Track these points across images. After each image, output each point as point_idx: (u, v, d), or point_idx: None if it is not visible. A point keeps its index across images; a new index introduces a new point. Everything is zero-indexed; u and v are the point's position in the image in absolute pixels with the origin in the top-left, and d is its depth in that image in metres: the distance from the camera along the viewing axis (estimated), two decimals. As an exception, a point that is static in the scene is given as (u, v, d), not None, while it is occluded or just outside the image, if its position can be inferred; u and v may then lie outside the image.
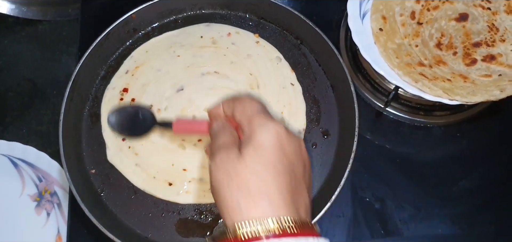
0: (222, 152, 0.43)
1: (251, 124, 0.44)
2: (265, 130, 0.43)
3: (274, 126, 0.43)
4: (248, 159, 0.41)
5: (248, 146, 0.42)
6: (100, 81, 0.74)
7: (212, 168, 0.43)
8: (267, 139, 0.42)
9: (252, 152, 0.42)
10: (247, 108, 0.46)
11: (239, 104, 0.47)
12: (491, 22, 0.74)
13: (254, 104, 0.46)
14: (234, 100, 0.48)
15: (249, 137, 0.43)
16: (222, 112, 0.50)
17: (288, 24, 0.77)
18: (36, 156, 0.80)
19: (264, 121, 0.44)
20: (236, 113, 0.47)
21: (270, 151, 0.42)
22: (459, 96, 0.65)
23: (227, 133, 0.46)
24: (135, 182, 0.66)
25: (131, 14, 0.75)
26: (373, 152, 0.74)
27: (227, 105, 0.49)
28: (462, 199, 0.71)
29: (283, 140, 0.43)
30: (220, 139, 0.46)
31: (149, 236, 0.63)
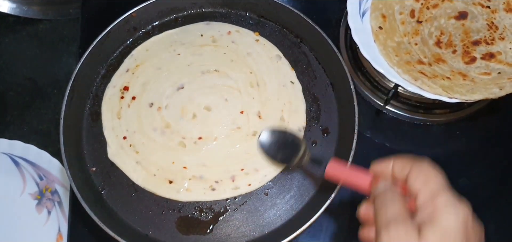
0: (399, 227, 0.39)
1: (436, 201, 0.40)
2: (453, 213, 0.39)
3: (463, 210, 0.39)
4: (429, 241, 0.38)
5: (430, 227, 0.38)
6: (100, 80, 0.74)
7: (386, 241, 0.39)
8: (454, 225, 0.38)
9: (435, 237, 0.38)
10: (430, 180, 0.41)
11: (420, 171, 0.42)
12: (490, 20, 0.74)
13: (438, 177, 0.42)
14: (410, 163, 0.44)
15: (433, 217, 0.39)
16: (390, 171, 0.45)
17: (288, 23, 0.77)
18: (37, 155, 0.80)
19: (452, 202, 0.40)
20: (415, 182, 0.42)
21: (455, 238, 0.38)
22: (458, 94, 0.65)
23: (400, 202, 0.41)
24: (136, 180, 0.66)
25: (131, 13, 0.75)
26: (373, 150, 0.75)
27: (402, 166, 0.44)
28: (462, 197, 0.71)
29: (469, 227, 0.39)
30: (392, 207, 0.41)
31: (150, 234, 0.63)
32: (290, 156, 0.58)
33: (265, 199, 0.65)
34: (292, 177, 0.67)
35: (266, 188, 0.66)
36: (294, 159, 0.58)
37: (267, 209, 0.65)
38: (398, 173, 0.44)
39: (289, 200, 0.65)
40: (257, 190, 0.66)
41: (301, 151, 0.58)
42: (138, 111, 0.71)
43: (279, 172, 0.66)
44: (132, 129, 0.69)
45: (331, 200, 0.61)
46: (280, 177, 0.67)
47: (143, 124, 0.70)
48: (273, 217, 0.64)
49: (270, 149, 0.58)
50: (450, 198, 0.40)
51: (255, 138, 0.68)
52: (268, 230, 0.63)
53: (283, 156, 0.59)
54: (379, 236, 0.40)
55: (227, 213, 0.64)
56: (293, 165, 0.59)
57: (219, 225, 0.64)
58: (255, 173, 0.66)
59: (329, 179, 0.51)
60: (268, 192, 0.66)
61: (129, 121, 0.70)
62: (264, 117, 0.70)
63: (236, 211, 0.65)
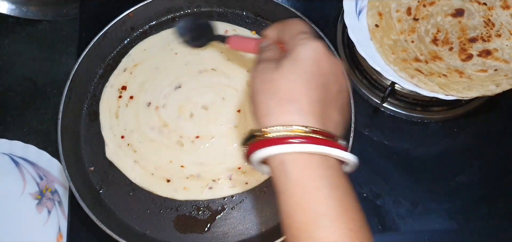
0: (263, 63, 0.46)
1: (293, 40, 0.46)
2: (304, 45, 0.44)
3: (314, 42, 0.45)
4: (284, 69, 0.43)
5: (286, 58, 0.44)
6: (98, 80, 0.74)
7: (252, 77, 0.46)
8: (304, 52, 0.44)
9: (288, 63, 0.44)
10: (293, 29, 0.48)
11: (287, 25, 0.49)
12: (487, 18, 0.74)
13: (299, 25, 0.48)
14: (283, 23, 0.50)
15: (288, 51, 0.45)
16: (271, 34, 0.52)
17: (285, 21, 0.77)
18: (36, 155, 0.81)
19: (305, 38, 0.45)
20: (283, 34, 0.49)
21: (305, 63, 0.43)
22: (455, 91, 0.66)
23: (271, 50, 0.49)
24: (134, 179, 0.66)
25: (128, 13, 0.75)
26: (370, 148, 0.75)
27: (277, 28, 0.51)
28: (459, 194, 0.71)
29: (321, 56, 0.44)
30: (265, 53, 0.48)
31: (147, 233, 0.63)
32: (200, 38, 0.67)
33: (262, 197, 0.66)
34: (289, 175, 0.67)
35: (264, 186, 0.66)
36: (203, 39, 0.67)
37: (265, 207, 0.65)
38: (277, 34, 0.51)
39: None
40: (254, 188, 0.66)
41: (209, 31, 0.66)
42: (136, 111, 0.71)
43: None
44: (130, 128, 0.70)
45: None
46: (277, 175, 0.67)
47: (140, 123, 0.70)
48: (271, 215, 0.65)
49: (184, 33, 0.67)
50: (305, 37, 0.46)
51: (252, 136, 0.69)
52: (265, 228, 0.64)
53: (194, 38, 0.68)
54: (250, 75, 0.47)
55: (225, 212, 0.65)
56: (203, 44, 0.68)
57: (217, 224, 0.64)
58: (252, 171, 0.66)
59: (233, 49, 0.62)
60: (265, 190, 0.66)
61: (127, 120, 0.70)
62: (261, 116, 0.70)
63: (233, 209, 0.65)
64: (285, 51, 0.47)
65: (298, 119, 0.41)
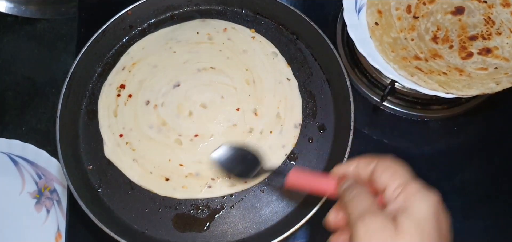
0: (376, 218, 0.39)
1: (406, 191, 0.40)
2: (425, 200, 0.39)
3: (432, 196, 0.40)
4: (408, 234, 0.38)
5: (405, 217, 0.39)
6: (96, 78, 0.74)
7: (363, 234, 0.39)
8: (426, 211, 0.39)
9: (411, 226, 0.38)
10: (397, 173, 0.42)
11: (386, 166, 0.43)
12: (487, 15, 0.73)
13: (404, 169, 0.42)
14: (375, 160, 0.44)
15: (405, 207, 0.39)
16: (353, 172, 0.46)
17: (284, 19, 0.77)
18: (35, 154, 0.81)
19: (421, 190, 0.40)
20: (381, 176, 0.42)
21: (431, 227, 0.38)
22: (454, 89, 0.65)
23: (368, 195, 0.42)
24: (132, 178, 0.66)
25: (126, 11, 0.75)
26: (370, 147, 0.74)
27: (366, 164, 0.44)
28: (459, 193, 0.71)
29: (440, 214, 0.40)
30: (362, 200, 0.41)
31: (146, 232, 0.63)
32: (247, 171, 0.58)
33: (261, 196, 0.65)
34: (288, 173, 0.67)
35: (263, 185, 0.66)
36: (251, 173, 0.58)
37: (264, 206, 0.65)
38: (362, 172, 0.44)
39: (285, 197, 0.65)
40: (253, 187, 0.66)
41: (259, 166, 0.58)
42: (134, 109, 0.71)
43: (276, 169, 0.66)
44: (128, 126, 0.70)
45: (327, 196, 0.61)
46: (277, 174, 0.67)
47: (139, 122, 0.70)
48: (270, 214, 0.64)
49: (226, 164, 0.58)
50: (419, 187, 0.40)
51: (251, 135, 0.68)
52: (264, 227, 0.64)
53: (240, 170, 0.59)
54: (355, 228, 0.39)
55: (224, 210, 0.65)
56: (251, 179, 0.59)
57: (216, 222, 0.64)
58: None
59: (291, 188, 0.51)
60: (265, 189, 0.66)
61: (126, 119, 0.70)
62: (260, 114, 0.70)
63: (232, 208, 0.65)
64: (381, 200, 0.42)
65: None
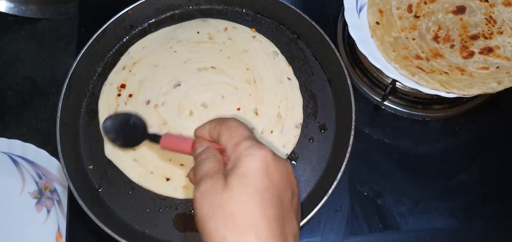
0: (207, 181, 0.42)
1: (237, 150, 0.43)
2: (251, 157, 0.41)
3: (260, 152, 0.42)
4: (233, 189, 0.40)
5: (233, 174, 0.41)
6: (97, 78, 0.74)
7: (197, 198, 0.42)
8: (253, 166, 0.41)
9: (237, 181, 0.40)
10: (233, 134, 0.45)
11: (225, 128, 0.46)
12: (488, 15, 0.73)
13: (240, 129, 0.45)
14: (220, 123, 0.47)
15: (234, 165, 0.42)
16: (205, 134, 0.48)
17: (285, 19, 0.77)
18: (36, 154, 0.81)
19: (250, 147, 0.42)
20: (222, 138, 0.45)
21: (256, 179, 0.40)
22: (456, 89, 0.65)
23: (211, 159, 0.45)
24: (133, 177, 0.66)
25: (127, 10, 0.75)
26: (371, 146, 0.74)
27: (213, 128, 0.47)
28: (460, 193, 0.71)
29: (270, 166, 0.41)
30: (204, 165, 0.44)
31: (147, 231, 0.63)
32: (132, 138, 0.61)
33: (262, 195, 0.65)
34: (289, 173, 0.66)
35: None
36: (135, 139, 0.61)
37: (264, 206, 0.64)
38: (212, 135, 0.47)
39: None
40: (254, 187, 0.66)
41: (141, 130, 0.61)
42: (135, 109, 0.70)
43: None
44: (129, 126, 0.69)
45: (328, 195, 0.60)
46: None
47: (140, 122, 0.70)
48: (270, 214, 0.64)
49: (113, 134, 0.61)
50: (249, 144, 0.42)
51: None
52: (265, 227, 0.63)
53: (125, 138, 0.61)
54: (194, 193, 0.42)
55: (224, 210, 0.64)
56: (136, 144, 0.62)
57: (216, 222, 0.64)
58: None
59: (165, 149, 0.56)
60: (265, 188, 0.66)
61: (126, 119, 0.70)
62: (261, 114, 0.70)
63: (233, 208, 0.65)
64: (226, 160, 0.44)
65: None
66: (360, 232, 0.68)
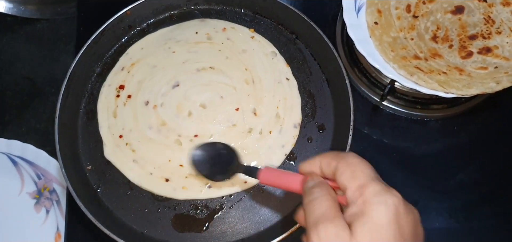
0: (328, 226, 0.38)
1: (365, 195, 0.38)
2: (382, 204, 0.37)
3: (392, 199, 0.38)
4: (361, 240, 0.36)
5: (361, 223, 0.37)
6: (95, 78, 0.74)
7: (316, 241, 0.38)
8: (383, 217, 0.37)
9: (366, 233, 0.37)
10: (357, 173, 0.40)
11: (346, 165, 0.41)
12: (487, 15, 0.73)
13: (365, 168, 0.41)
14: (337, 158, 0.42)
15: (362, 212, 0.38)
16: (318, 170, 0.44)
17: (283, 19, 0.77)
18: (35, 154, 0.81)
19: (379, 193, 0.38)
20: (342, 176, 0.41)
21: (387, 232, 0.36)
22: (454, 89, 0.65)
23: (327, 197, 0.40)
24: (132, 178, 0.66)
25: (125, 11, 0.75)
26: (370, 146, 0.74)
27: (327, 163, 0.43)
28: (459, 193, 0.71)
29: (401, 216, 0.38)
30: (320, 204, 0.40)
31: (145, 232, 0.63)
32: (223, 170, 0.58)
33: (261, 196, 0.65)
34: (288, 173, 0.67)
35: (262, 185, 0.66)
36: (227, 172, 0.58)
37: (263, 206, 0.65)
38: (325, 170, 0.43)
39: (285, 197, 0.65)
40: (253, 187, 0.66)
41: (234, 162, 0.58)
42: (134, 110, 0.71)
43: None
44: (128, 127, 0.69)
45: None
46: (276, 174, 0.66)
47: (139, 122, 0.70)
48: (269, 214, 0.64)
49: (203, 166, 0.58)
50: (378, 189, 0.38)
51: (250, 135, 0.68)
52: (264, 227, 0.63)
53: (215, 171, 0.59)
54: (309, 236, 0.38)
55: (223, 211, 0.64)
56: (227, 177, 0.58)
57: (215, 223, 0.64)
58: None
59: (264, 184, 0.52)
60: (264, 188, 0.66)
61: (125, 120, 0.70)
62: (259, 114, 0.70)
63: (231, 208, 0.65)
64: (342, 200, 0.41)
65: None
66: (359, 232, 0.68)
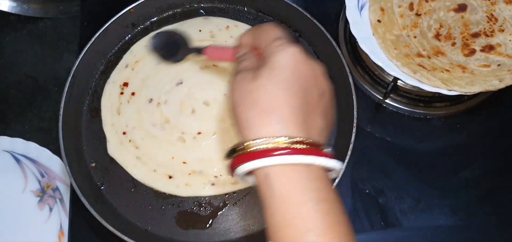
0: (240, 74, 0.44)
1: (270, 47, 0.44)
2: (281, 52, 0.43)
3: (291, 48, 0.43)
4: (262, 78, 0.42)
5: (263, 67, 0.43)
6: (99, 76, 0.74)
7: (230, 89, 0.44)
8: (282, 60, 0.42)
9: (266, 72, 0.42)
10: (268, 34, 0.46)
11: (262, 31, 0.47)
12: (490, 12, 0.73)
13: (275, 31, 0.46)
14: (258, 27, 0.48)
15: (265, 59, 0.44)
16: (246, 41, 0.50)
17: (286, 17, 0.77)
18: (38, 152, 0.81)
19: (281, 44, 0.44)
20: (258, 41, 0.47)
21: (284, 71, 0.42)
22: (457, 86, 0.65)
23: (248, 59, 0.47)
24: (135, 175, 0.66)
25: (129, 9, 0.75)
26: (373, 144, 0.74)
27: (252, 34, 0.49)
28: (462, 190, 0.71)
29: (299, 62, 0.43)
30: (241, 64, 0.47)
31: (149, 229, 0.63)
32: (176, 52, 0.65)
33: (264, 193, 0.65)
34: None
35: (265, 182, 0.66)
36: (178, 53, 0.65)
37: (266, 203, 0.65)
38: (252, 40, 0.49)
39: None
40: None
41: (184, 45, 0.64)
42: (137, 107, 0.71)
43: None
44: (131, 124, 0.70)
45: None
46: (279, 171, 0.66)
47: (142, 120, 0.70)
48: (273, 211, 0.64)
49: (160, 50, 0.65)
50: (281, 43, 0.44)
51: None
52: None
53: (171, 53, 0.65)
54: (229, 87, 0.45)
55: (227, 208, 0.65)
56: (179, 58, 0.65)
57: (219, 220, 0.64)
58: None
59: (210, 60, 0.61)
60: (267, 186, 0.66)
61: (129, 117, 0.70)
62: (263, 112, 0.70)
63: (235, 205, 0.65)
64: (262, 59, 0.46)
65: (280, 130, 0.40)
66: (362, 230, 0.68)
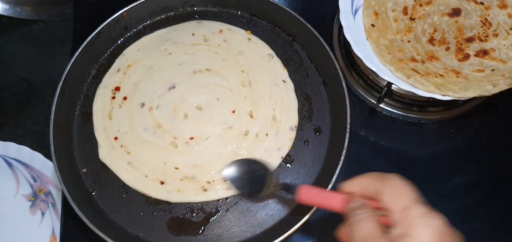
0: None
1: (409, 217, 0.39)
2: (426, 227, 0.38)
3: (437, 221, 0.39)
4: None
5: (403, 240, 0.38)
6: (91, 80, 0.74)
7: None
8: (428, 238, 0.38)
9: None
10: (403, 196, 0.41)
11: (391, 188, 0.42)
12: (484, 17, 0.73)
13: (410, 191, 0.41)
14: (380, 179, 0.43)
15: (407, 233, 0.39)
16: (359, 189, 0.45)
17: (280, 21, 0.77)
18: (30, 156, 0.80)
19: (424, 216, 0.39)
20: (386, 197, 0.42)
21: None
22: (451, 91, 0.65)
23: (372, 220, 0.41)
24: (127, 181, 0.66)
25: (121, 12, 0.75)
26: (367, 148, 0.74)
27: (370, 184, 0.44)
28: (456, 195, 0.70)
29: (446, 238, 0.39)
30: (363, 225, 0.41)
31: (141, 235, 0.63)
32: (259, 188, 0.58)
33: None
34: (284, 177, 0.66)
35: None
36: (263, 190, 0.57)
37: (259, 209, 0.64)
38: (369, 191, 0.44)
39: (281, 200, 0.65)
40: (249, 190, 0.65)
41: (270, 181, 0.57)
42: (129, 112, 0.70)
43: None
44: (123, 129, 0.69)
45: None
46: (272, 177, 0.66)
47: (134, 124, 0.69)
48: (265, 217, 0.64)
49: (238, 182, 0.58)
50: (423, 211, 0.39)
51: (247, 137, 0.68)
52: (260, 230, 0.63)
53: (251, 189, 0.58)
54: None
55: (219, 214, 0.64)
56: (263, 196, 0.58)
57: (211, 226, 0.63)
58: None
59: (302, 203, 0.51)
60: (260, 192, 0.65)
61: (121, 121, 0.70)
62: (256, 116, 0.69)
63: (227, 211, 0.64)
64: (385, 220, 0.41)
65: None
66: (356, 235, 0.67)
